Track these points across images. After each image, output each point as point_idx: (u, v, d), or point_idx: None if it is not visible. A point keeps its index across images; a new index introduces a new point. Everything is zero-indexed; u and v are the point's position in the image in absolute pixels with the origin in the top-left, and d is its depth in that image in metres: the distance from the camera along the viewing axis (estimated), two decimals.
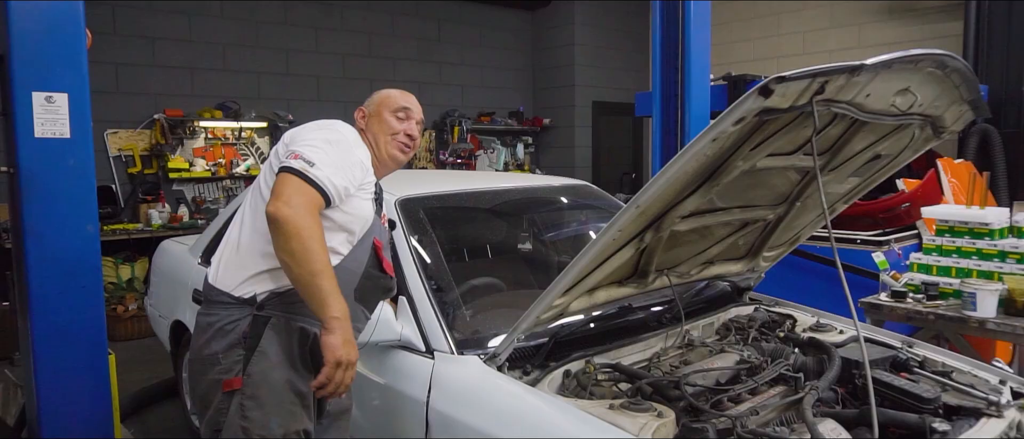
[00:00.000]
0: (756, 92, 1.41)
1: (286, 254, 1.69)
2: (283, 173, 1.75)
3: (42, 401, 2.10)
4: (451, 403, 1.95)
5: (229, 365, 1.81)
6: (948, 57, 1.76)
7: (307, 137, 1.84)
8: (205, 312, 1.87)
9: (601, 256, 1.83)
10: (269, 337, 1.82)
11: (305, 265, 1.67)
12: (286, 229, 1.67)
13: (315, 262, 1.67)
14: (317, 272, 1.68)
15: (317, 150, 1.78)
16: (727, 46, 8.78)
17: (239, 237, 1.90)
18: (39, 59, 2.01)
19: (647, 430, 1.68)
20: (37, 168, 2.04)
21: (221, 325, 1.81)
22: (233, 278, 1.85)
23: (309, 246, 1.67)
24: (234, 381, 1.79)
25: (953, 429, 1.88)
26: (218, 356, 1.81)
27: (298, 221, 1.67)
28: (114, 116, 6.33)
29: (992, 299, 2.57)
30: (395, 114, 2.08)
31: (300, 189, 1.72)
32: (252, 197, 1.93)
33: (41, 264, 2.07)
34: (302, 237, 1.66)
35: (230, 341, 1.81)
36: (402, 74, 8.29)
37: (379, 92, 2.17)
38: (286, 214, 1.67)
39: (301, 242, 1.66)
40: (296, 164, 1.74)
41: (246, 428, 1.78)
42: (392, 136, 2.05)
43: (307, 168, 1.74)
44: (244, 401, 1.79)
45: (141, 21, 6.43)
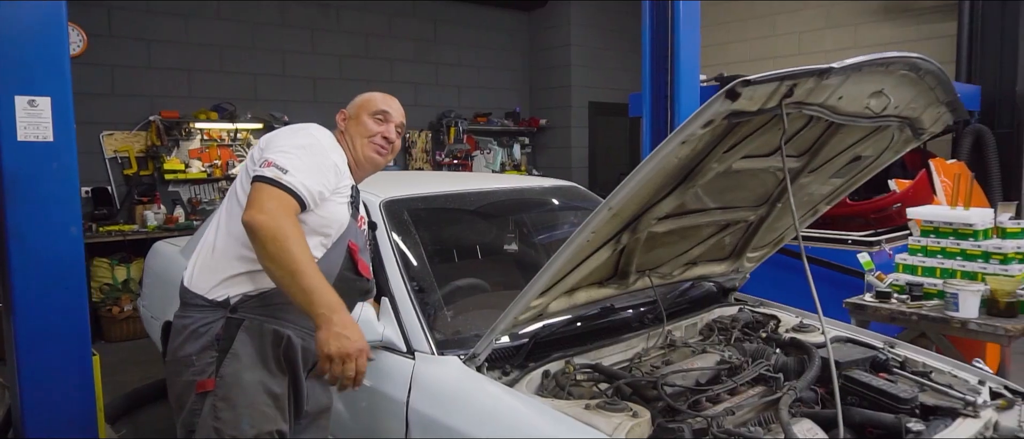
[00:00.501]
0: (723, 95, 1.43)
1: (266, 259, 1.70)
2: (257, 182, 1.77)
3: (26, 402, 2.12)
4: (430, 403, 1.97)
5: (202, 367, 1.82)
6: (920, 59, 1.77)
7: (280, 143, 1.85)
8: (180, 315, 1.88)
9: (576, 257, 1.84)
10: (242, 339, 1.84)
11: (285, 266, 1.68)
12: (263, 235, 1.68)
13: (292, 261, 1.68)
14: (297, 271, 1.68)
15: (290, 156, 1.80)
16: (723, 46, 8.80)
17: (214, 240, 1.91)
18: (21, 63, 2.03)
19: (621, 430, 1.69)
20: (20, 171, 2.06)
21: (195, 327, 1.83)
22: (207, 281, 1.86)
23: (285, 246, 1.68)
24: (207, 383, 1.81)
25: (928, 429, 1.89)
26: (191, 358, 1.83)
27: (273, 225, 1.68)
28: (110, 118, 6.35)
29: (974, 300, 2.58)
30: (374, 117, 2.11)
31: (274, 195, 1.74)
32: (228, 202, 1.95)
33: (25, 266, 2.09)
34: (278, 240, 1.68)
35: (203, 343, 1.83)
36: (399, 75, 8.31)
37: (362, 95, 2.19)
38: (261, 220, 1.68)
39: (277, 244, 1.67)
40: (269, 172, 1.76)
41: (218, 429, 1.79)
42: (369, 139, 2.07)
43: (280, 175, 1.76)
44: (216, 402, 1.80)
45: (137, 23, 6.46)
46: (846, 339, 2.52)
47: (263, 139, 1.94)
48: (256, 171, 1.80)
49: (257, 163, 1.82)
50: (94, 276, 5.83)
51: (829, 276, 4.41)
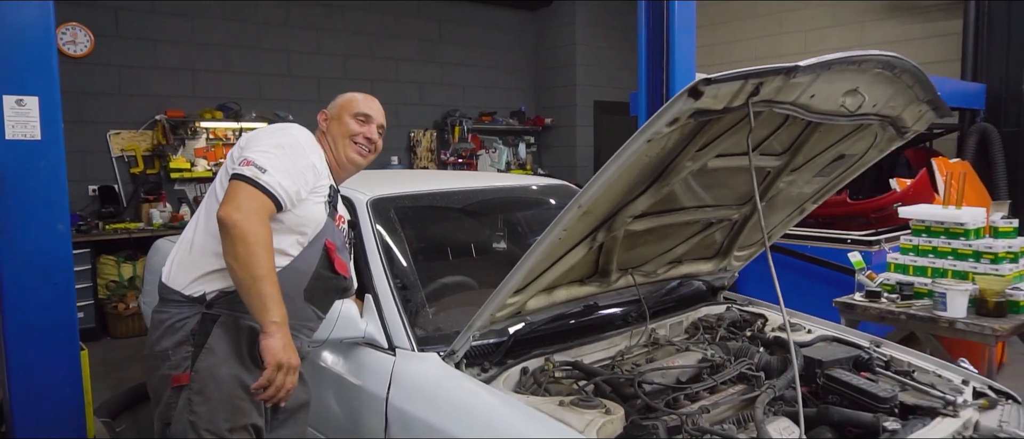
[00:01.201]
0: (686, 93, 1.43)
1: (231, 257, 1.74)
2: (235, 180, 1.80)
3: (15, 397, 2.17)
4: (408, 399, 1.99)
5: (177, 361, 1.84)
6: (894, 58, 1.76)
7: (260, 142, 1.88)
8: (158, 309, 1.91)
9: (550, 255, 1.85)
10: (217, 334, 1.86)
11: (248, 269, 1.72)
12: (234, 233, 1.72)
13: (258, 267, 1.72)
14: (259, 277, 1.72)
15: (269, 156, 1.83)
16: (728, 45, 8.77)
17: (193, 237, 1.93)
18: (9, 63, 2.08)
19: (592, 427, 1.70)
20: (8, 169, 2.10)
21: (171, 323, 1.85)
22: (184, 277, 1.88)
23: (254, 251, 1.72)
24: (182, 377, 1.83)
25: (905, 428, 1.88)
26: (168, 352, 1.85)
27: (246, 226, 1.72)
28: (117, 117, 6.43)
29: (962, 299, 2.57)
30: (355, 118, 2.11)
31: (251, 195, 1.77)
32: (207, 199, 1.97)
33: (13, 263, 2.14)
34: (248, 242, 1.71)
35: (178, 338, 1.85)
36: (404, 74, 8.35)
37: (343, 95, 2.19)
38: (235, 219, 1.72)
39: (246, 246, 1.71)
40: (247, 171, 1.79)
41: (193, 423, 1.81)
42: (350, 139, 2.09)
43: (258, 174, 1.79)
44: (191, 396, 1.82)
45: (143, 24, 6.53)
46: (832, 338, 2.51)
47: (243, 138, 1.97)
48: (235, 169, 1.83)
49: (236, 161, 1.85)
50: (100, 273, 5.90)
51: (826, 275, 4.39)
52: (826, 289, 3.91)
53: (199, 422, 1.79)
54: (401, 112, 8.37)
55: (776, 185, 2.32)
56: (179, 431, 1.83)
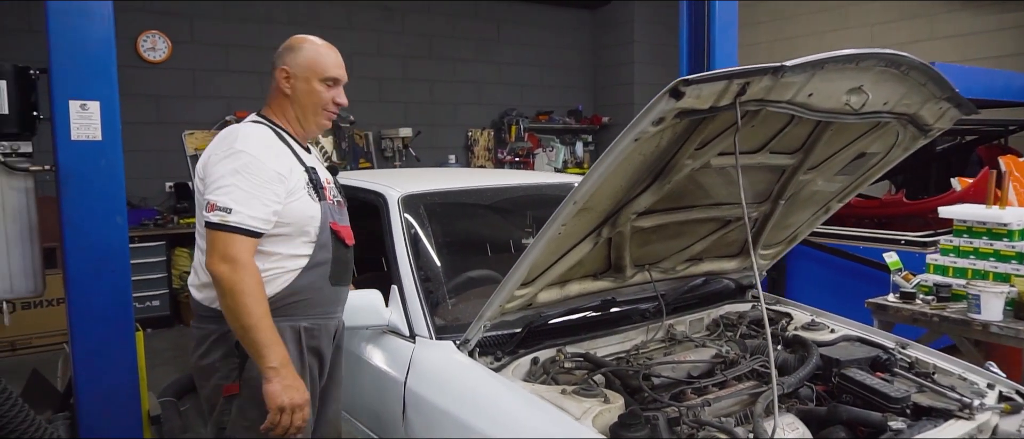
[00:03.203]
0: (667, 93, 1.48)
1: (224, 309, 1.80)
2: (208, 229, 1.80)
3: (78, 373, 2.41)
4: (423, 383, 2.10)
5: (226, 372, 1.93)
6: (898, 56, 1.75)
7: (216, 176, 1.82)
8: (198, 325, 2.00)
9: (552, 249, 1.92)
10: None
11: (239, 320, 1.77)
12: (222, 286, 1.77)
13: (247, 316, 1.76)
14: (250, 326, 1.76)
15: (229, 190, 1.79)
16: (792, 41, 8.55)
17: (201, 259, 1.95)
18: (75, 72, 2.31)
19: (589, 415, 1.77)
20: (73, 167, 2.34)
21: (215, 337, 1.93)
22: (210, 294, 1.91)
23: (241, 302, 1.75)
24: (232, 387, 1.92)
25: (913, 428, 1.87)
26: (216, 364, 1.94)
27: (232, 278, 1.75)
28: (191, 118, 6.83)
29: (997, 302, 2.48)
30: (325, 83, 2.01)
31: (227, 241, 1.76)
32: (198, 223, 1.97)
33: (77, 251, 2.37)
34: (235, 294, 1.75)
35: (225, 351, 1.92)
36: (462, 75, 8.52)
37: (304, 47, 2.02)
38: (222, 272, 1.76)
39: (234, 298, 1.75)
40: (214, 217, 1.78)
41: (247, 427, 1.92)
42: (321, 109, 2.01)
43: (225, 217, 1.77)
44: (242, 404, 1.92)
45: (216, 30, 6.93)
46: (856, 338, 2.48)
47: (200, 165, 1.93)
48: (205, 216, 1.82)
49: (203, 200, 1.85)
50: (174, 264, 6.31)
51: (877, 276, 4.27)
52: (875, 290, 3.82)
53: (252, 427, 1.89)
54: (459, 111, 8.55)
55: (793, 183, 2.31)
56: (235, 435, 1.94)
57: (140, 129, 6.42)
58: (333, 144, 7.56)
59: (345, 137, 7.58)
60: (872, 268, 4.38)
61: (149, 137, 6.49)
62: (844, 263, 4.58)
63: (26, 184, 2.40)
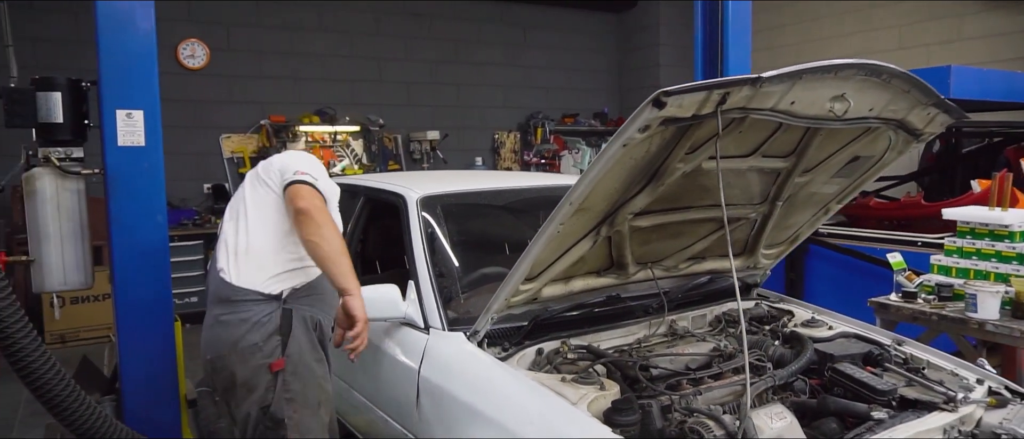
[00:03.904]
0: (650, 103, 1.61)
1: (316, 237, 2.12)
2: (298, 184, 2.20)
3: (123, 359, 2.64)
4: (436, 372, 2.26)
5: (269, 350, 2.18)
6: (876, 65, 1.85)
7: (299, 164, 2.29)
8: (233, 310, 2.21)
9: (553, 247, 2.06)
10: (297, 325, 2.23)
11: (333, 243, 2.13)
12: (317, 218, 2.12)
13: (338, 242, 2.15)
14: (341, 250, 2.14)
15: (312, 170, 2.26)
16: (819, 42, 8.53)
17: (248, 244, 2.26)
18: (120, 83, 2.54)
19: (585, 400, 1.91)
20: (119, 170, 2.57)
21: (257, 319, 2.18)
22: (257, 277, 2.21)
23: (333, 231, 2.15)
24: (278, 363, 2.18)
25: (895, 418, 1.97)
26: (259, 345, 2.18)
27: (323, 212, 2.16)
28: (228, 122, 7.14)
29: (994, 301, 2.55)
30: None
31: (314, 193, 2.19)
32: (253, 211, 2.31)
33: (122, 248, 2.60)
34: (328, 223, 2.14)
35: (267, 331, 2.18)
36: (488, 78, 8.70)
37: None
38: (315, 205, 2.14)
39: (328, 228, 2.13)
40: (306, 177, 2.21)
41: (290, 400, 2.18)
42: None
43: (314, 181, 2.22)
44: (287, 378, 2.19)
45: (252, 38, 7.22)
46: (853, 335, 2.57)
47: (277, 162, 2.35)
48: (293, 178, 2.23)
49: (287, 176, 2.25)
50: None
51: (892, 277, 4.32)
52: (891, 291, 3.89)
53: (297, 399, 2.17)
54: (486, 115, 8.73)
55: (790, 185, 2.41)
56: (279, 410, 2.18)
57: (179, 133, 6.72)
58: (363, 147, 7.80)
59: (375, 140, 7.81)
60: (889, 269, 4.42)
61: (188, 141, 6.80)
62: (861, 264, 4.63)
63: (78, 186, 2.63)
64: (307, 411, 2.19)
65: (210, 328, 2.27)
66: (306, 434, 2.19)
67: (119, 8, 2.53)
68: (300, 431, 2.17)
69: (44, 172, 2.55)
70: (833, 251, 4.95)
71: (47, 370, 2.18)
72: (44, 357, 2.18)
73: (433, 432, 2.23)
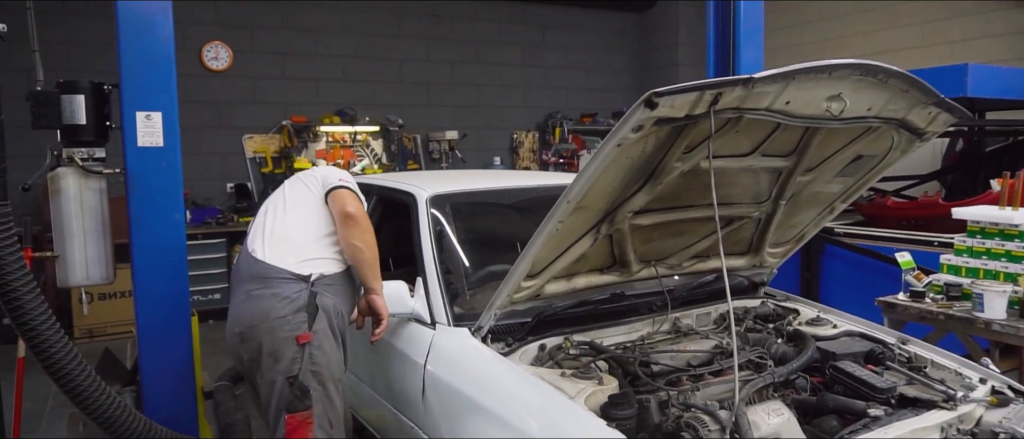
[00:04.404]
0: (642, 103, 1.65)
1: (361, 241, 2.42)
2: (343, 189, 2.52)
3: (142, 351, 2.74)
4: (440, 366, 2.32)
5: (297, 324, 2.32)
6: (872, 66, 1.86)
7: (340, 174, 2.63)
8: (265, 286, 2.37)
9: (553, 244, 2.10)
10: (322, 305, 2.39)
11: (373, 249, 2.45)
12: (362, 224, 2.45)
13: (371, 247, 2.45)
14: (376, 254, 2.46)
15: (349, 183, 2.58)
16: (841, 40, 8.45)
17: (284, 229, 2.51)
18: (140, 86, 2.64)
19: (582, 394, 1.95)
20: (139, 170, 2.67)
21: (286, 295, 2.34)
22: (292, 259, 2.42)
23: (374, 238, 2.45)
24: (305, 336, 2.32)
25: (892, 416, 1.98)
26: (287, 318, 2.32)
27: (367, 219, 2.48)
28: (250, 123, 7.28)
29: (1000, 300, 2.53)
30: None
31: (358, 199, 2.53)
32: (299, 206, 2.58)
33: (142, 245, 2.70)
34: (370, 230, 2.46)
35: (296, 306, 2.34)
36: (507, 78, 8.75)
37: None
38: (362, 212, 2.48)
39: (370, 235, 2.45)
40: (349, 184, 2.55)
41: (315, 372, 2.32)
42: None
43: (355, 187, 2.56)
44: (313, 351, 2.32)
45: (274, 40, 7.35)
46: (857, 333, 2.58)
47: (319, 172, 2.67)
48: (337, 184, 2.54)
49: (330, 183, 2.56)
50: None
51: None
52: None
53: (321, 370, 2.31)
54: (504, 114, 8.78)
55: (792, 184, 2.43)
56: (306, 380, 2.31)
57: (204, 134, 6.90)
58: (383, 147, 7.91)
59: (394, 140, 7.90)
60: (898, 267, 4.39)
61: (212, 141, 6.95)
62: (877, 264, 4.60)
63: (100, 185, 2.74)
64: (331, 385, 2.34)
65: (240, 304, 2.41)
66: (329, 406, 2.32)
67: (139, 14, 2.63)
68: (323, 403, 2.30)
69: (68, 172, 2.66)
70: (849, 250, 4.92)
71: (70, 361, 2.28)
72: (66, 348, 2.27)
73: (437, 425, 2.29)
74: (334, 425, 2.33)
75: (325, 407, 2.31)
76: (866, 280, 4.73)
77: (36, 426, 4.02)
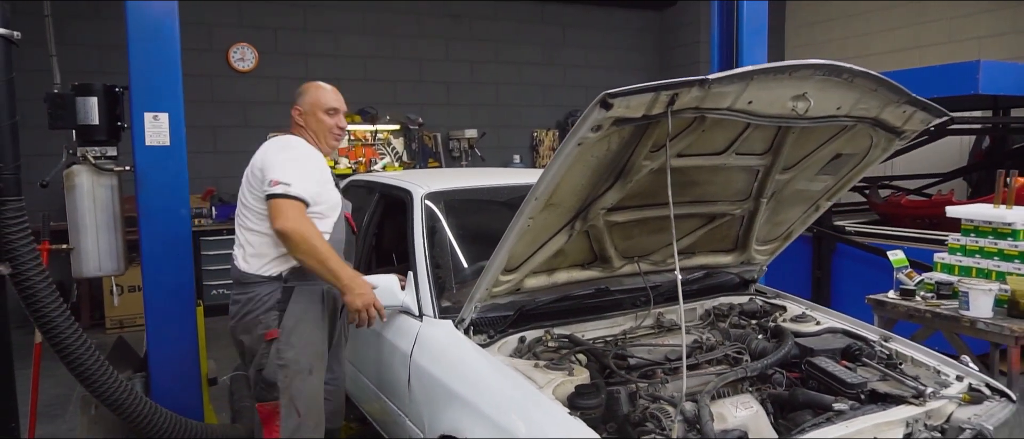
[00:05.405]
0: (597, 104, 1.71)
1: (300, 255, 2.32)
2: (271, 200, 2.32)
3: (151, 339, 2.90)
4: (424, 356, 2.42)
5: (268, 322, 2.44)
6: (835, 66, 1.89)
7: (275, 162, 2.38)
8: (242, 291, 2.48)
9: (527, 240, 2.17)
10: (296, 300, 2.46)
11: (314, 257, 2.32)
12: (294, 239, 2.29)
13: (319, 253, 2.31)
14: (323, 259, 2.32)
15: (286, 171, 2.33)
16: (866, 37, 8.35)
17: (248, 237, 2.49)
18: (148, 89, 2.79)
19: (551, 384, 2.02)
20: (147, 167, 2.83)
21: (259, 298, 2.44)
22: (257, 264, 2.45)
23: (313, 244, 2.30)
24: (272, 333, 2.43)
25: (858, 410, 2.01)
26: (259, 318, 2.45)
27: (299, 229, 2.28)
28: (274, 122, 7.39)
29: (986, 299, 2.52)
30: (327, 113, 2.58)
31: (288, 206, 2.30)
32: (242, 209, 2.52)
33: (150, 238, 2.86)
34: (306, 238, 2.29)
35: (267, 307, 2.44)
36: (527, 77, 8.81)
37: (309, 90, 2.62)
38: (288, 227, 2.27)
39: (306, 242, 2.29)
40: (277, 190, 2.30)
41: (283, 366, 2.41)
42: (329, 132, 2.60)
43: (286, 189, 2.30)
44: (279, 346, 2.42)
45: (298, 41, 7.54)
46: (841, 330, 2.60)
47: (258, 159, 2.47)
48: (267, 190, 2.34)
49: (264, 183, 2.36)
50: None
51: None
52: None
53: (287, 363, 2.40)
54: (524, 113, 8.85)
55: (772, 182, 2.46)
56: (270, 375, 2.42)
57: (229, 132, 7.11)
58: (403, 145, 8.05)
59: (414, 138, 8.03)
60: (918, 268, 4.35)
61: (238, 140, 7.15)
62: (888, 263, 4.57)
63: (111, 182, 2.90)
64: (298, 377, 2.41)
65: (230, 308, 2.55)
66: (297, 395, 2.41)
67: (148, 19, 2.78)
68: (291, 393, 2.40)
69: (82, 169, 2.82)
70: (859, 249, 4.89)
71: (79, 346, 2.44)
72: (76, 335, 2.43)
73: (420, 411, 2.39)
74: (304, 412, 2.42)
75: (292, 396, 2.40)
76: (877, 279, 4.68)
77: (64, 410, 4.23)
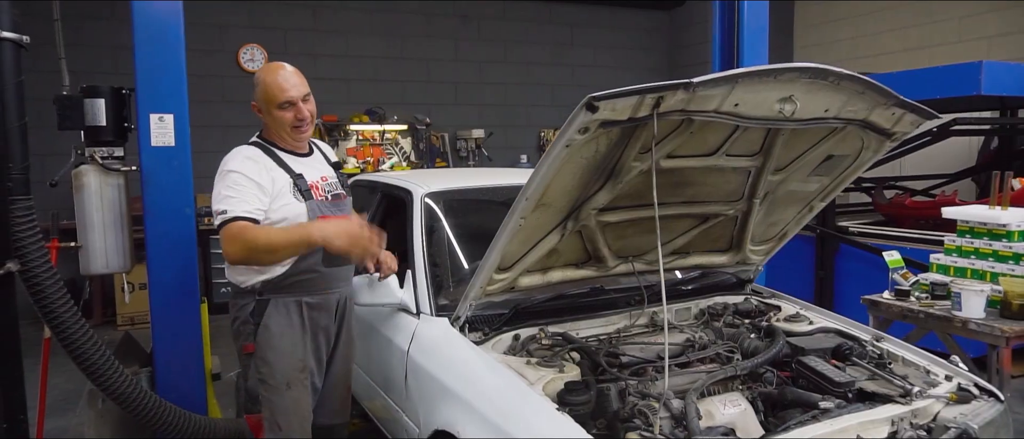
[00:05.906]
0: (583, 106, 1.75)
1: (263, 259, 2.26)
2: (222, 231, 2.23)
3: (156, 335, 2.97)
4: (420, 352, 2.47)
5: (246, 334, 2.42)
6: (823, 69, 1.91)
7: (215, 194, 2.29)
8: (233, 303, 2.50)
9: (521, 240, 2.21)
10: (269, 313, 2.38)
11: (271, 256, 2.25)
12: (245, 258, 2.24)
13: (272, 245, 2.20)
14: (277, 248, 2.21)
15: (223, 200, 2.24)
16: (875, 36, 8.30)
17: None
18: (154, 90, 2.86)
19: (542, 381, 2.06)
20: (152, 167, 2.90)
21: (238, 309, 2.43)
22: (237, 277, 2.42)
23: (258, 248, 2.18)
24: (248, 346, 2.41)
25: (844, 408, 2.04)
26: (240, 329, 2.45)
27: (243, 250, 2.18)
28: None
29: (978, 300, 2.53)
30: (279, 109, 2.40)
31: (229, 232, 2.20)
32: None
33: (155, 236, 2.93)
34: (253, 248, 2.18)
35: (243, 319, 2.42)
36: (536, 77, 8.86)
37: (259, 82, 2.45)
38: (235, 251, 2.19)
39: (254, 253, 2.20)
40: (218, 220, 2.24)
41: (261, 379, 2.41)
42: (287, 128, 2.43)
43: (224, 216, 2.22)
44: (256, 360, 2.41)
45: (307, 42, 7.62)
46: (833, 330, 2.62)
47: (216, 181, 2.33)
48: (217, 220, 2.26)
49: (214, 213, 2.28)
50: None
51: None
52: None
53: (265, 376, 2.39)
54: (532, 113, 8.89)
55: (764, 183, 2.49)
56: (254, 387, 2.46)
57: (240, 133, 7.13)
58: (411, 145, 8.11)
59: (422, 138, 8.10)
60: (918, 269, 4.35)
61: (247, 140, 7.23)
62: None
63: (119, 181, 2.97)
64: (275, 393, 2.38)
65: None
66: (275, 410, 2.38)
67: (153, 22, 2.85)
68: (270, 406, 2.39)
69: (90, 169, 2.90)
70: (863, 250, 4.89)
71: (85, 341, 2.51)
72: (83, 330, 2.50)
73: (416, 407, 2.44)
74: (284, 426, 2.38)
75: (272, 410, 2.38)
76: (879, 279, 4.68)
77: (75, 405, 4.32)
